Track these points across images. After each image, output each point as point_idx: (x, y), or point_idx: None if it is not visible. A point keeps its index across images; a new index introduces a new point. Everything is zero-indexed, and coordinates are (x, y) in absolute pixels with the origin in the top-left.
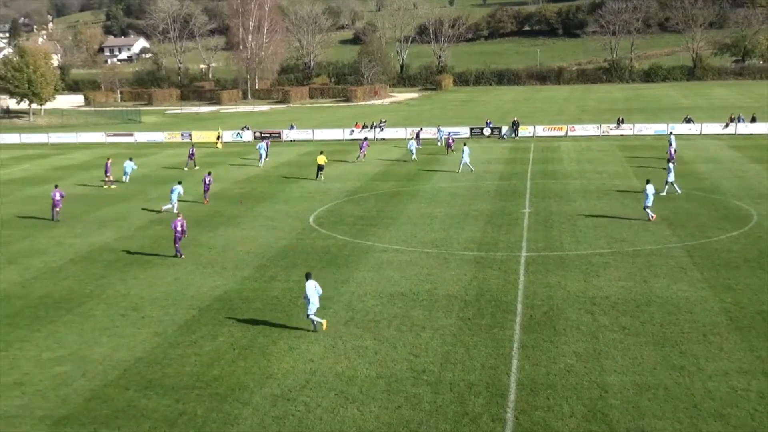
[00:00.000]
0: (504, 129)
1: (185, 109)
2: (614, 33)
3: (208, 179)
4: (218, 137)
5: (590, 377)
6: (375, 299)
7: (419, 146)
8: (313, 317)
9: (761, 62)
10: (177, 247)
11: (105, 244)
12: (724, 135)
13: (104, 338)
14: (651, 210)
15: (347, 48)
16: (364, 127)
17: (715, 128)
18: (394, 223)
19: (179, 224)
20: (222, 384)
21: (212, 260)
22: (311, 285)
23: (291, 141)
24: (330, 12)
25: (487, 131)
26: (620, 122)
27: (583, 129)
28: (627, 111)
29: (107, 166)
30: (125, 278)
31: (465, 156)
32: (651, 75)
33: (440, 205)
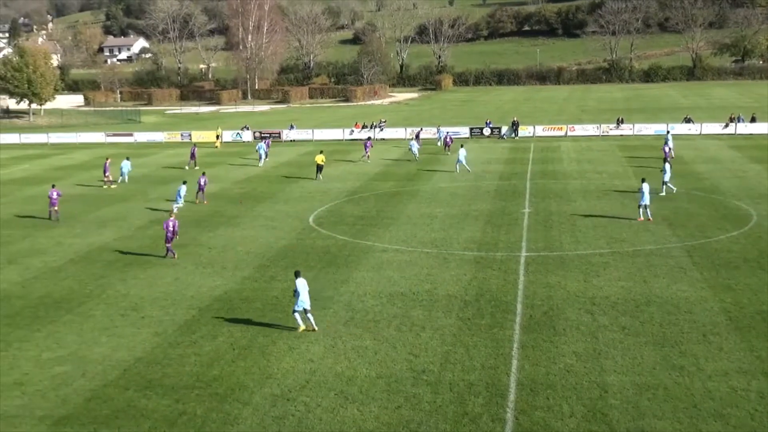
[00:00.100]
0: (504, 129)
1: (185, 109)
2: (614, 33)
3: (203, 180)
4: (218, 137)
5: (590, 377)
6: (375, 299)
7: (419, 146)
8: (297, 316)
9: (761, 62)
10: (168, 247)
11: (105, 244)
12: (724, 135)
13: (104, 338)
14: (650, 210)
15: (347, 48)
16: (364, 127)
17: (715, 128)
18: (394, 223)
19: (171, 224)
20: (222, 384)
21: (212, 260)
22: (301, 282)
23: (291, 141)
24: (330, 12)
25: (487, 131)
26: (620, 122)
27: (583, 129)
28: (627, 111)
29: (106, 167)
30: (125, 278)
31: (461, 158)
32: (651, 75)
33: (440, 205)
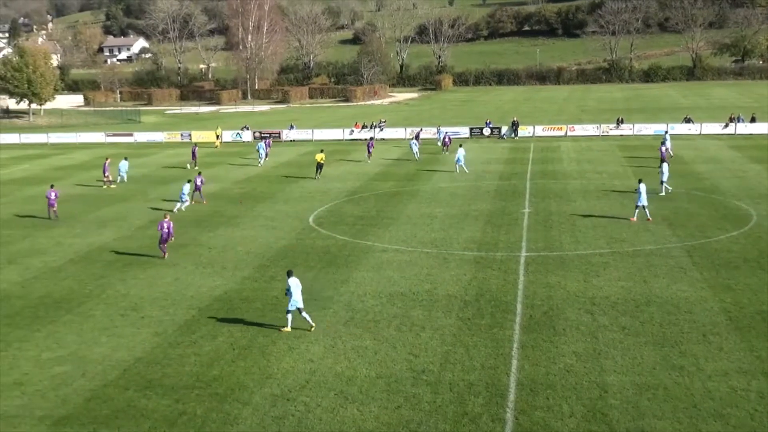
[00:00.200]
0: (504, 129)
1: (185, 109)
2: (614, 33)
3: (200, 180)
4: (217, 137)
5: (590, 377)
6: (375, 299)
7: (419, 146)
8: (289, 317)
9: (761, 62)
10: (162, 247)
11: (104, 244)
12: (724, 135)
13: (104, 338)
14: (649, 211)
15: (347, 48)
16: (364, 127)
17: (715, 128)
18: (394, 223)
19: (165, 225)
20: (222, 384)
21: (212, 260)
22: (294, 282)
23: (291, 141)
24: (330, 12)
25: (487, 131)
26: (620, 122)
27: (583, 129)
28: (626, 111)
29: (105, 167)
30: (125, 278)
31: (460, 158)
32: (651, 75)
33: (440, 205)
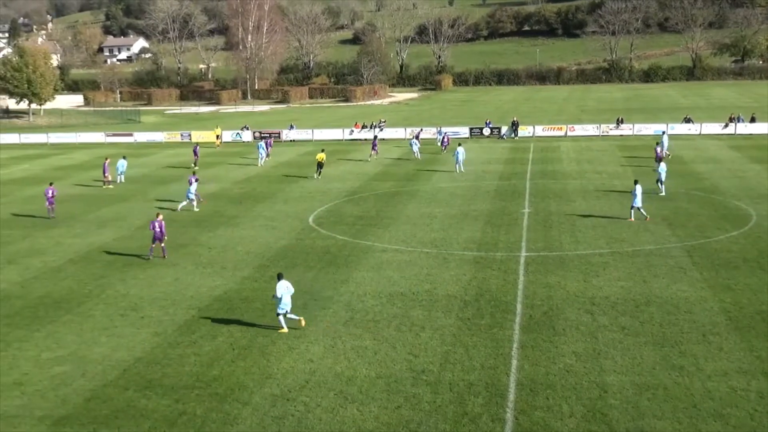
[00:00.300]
0: (503, 129)
1: (185, 109)
2: (614, 33)
3: (194, 180)
4: (217, 137)
5: (590, 377)
6: (374, 299)
7: (420, 145)
8: (281, 319)
9: (761, 62)
10: (152, 247)
11: (104, 244)
12: (724, 135)
13: (103, 338)
14: (645, 212)
15: (347, 48)
16: (364, 127)
17: (715, 128)
18: (394, 223)
19: (157, 225)
20: (221, 384)
21: (212, 260)
22: (283, 285)
23: (291, 141)
24: (329, 12)
25: (487, 131)
26: (620, 122)
27: (583, 129)
28: (626, 111)
29: (105, 167)
30: (125, 278)
31: (459, 157)
32: (650, 75)
33: (440, 205)
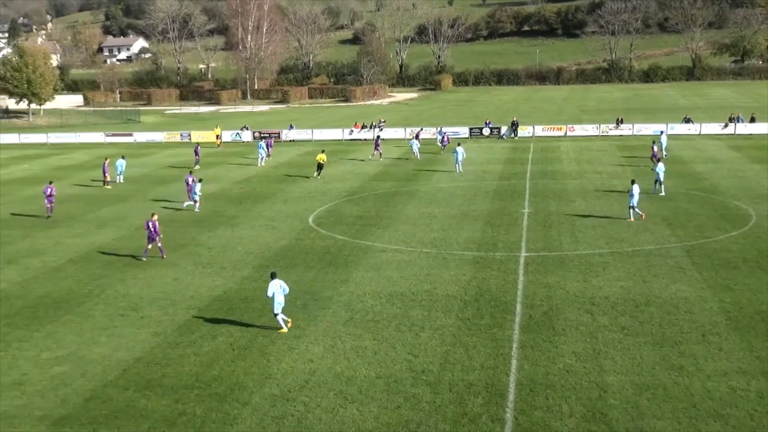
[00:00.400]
0: (503, 129)
1: (184, 109)
2: (613, 33)
3: (191, 179)
4: (217, 137)
5: (589, 377)
6: (374, 299)
7: (420, 145)
8: (279, 319)
9: (760, 62)
10: (147, 248)
11: (104, 244)
12: (724, 135)
13: (103, 338)
14: (639, 210)
15: (346, 48)
16: (364, 127)
17: (715, 128)
18: (394, 224)
19: (150, 224)
20: (221, 384)
21: (212, 260)
22: (276, 284)
23: (290, 141)
24: (329, 12)
25: (487, 131)
26: (619, 122)
27: (583, 129)
28: (626, 111)
29: (105, 167)
30: (124, 278)
31: (458, 157)
32: (650, 75)
33: (439, 205)
